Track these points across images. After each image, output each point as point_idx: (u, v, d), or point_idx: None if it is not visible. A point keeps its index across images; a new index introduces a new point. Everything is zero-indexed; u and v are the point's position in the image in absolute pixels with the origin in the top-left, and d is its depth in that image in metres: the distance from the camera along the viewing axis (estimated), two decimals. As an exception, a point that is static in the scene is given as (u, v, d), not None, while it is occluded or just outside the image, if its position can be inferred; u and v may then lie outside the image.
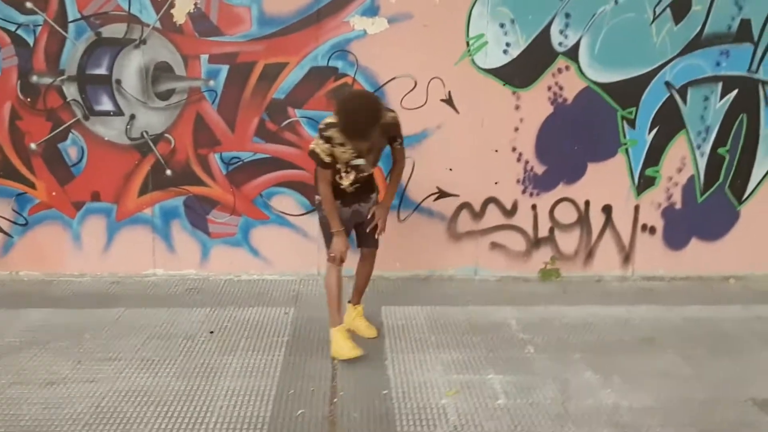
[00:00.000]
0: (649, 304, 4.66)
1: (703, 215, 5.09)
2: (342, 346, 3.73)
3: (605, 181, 4.97)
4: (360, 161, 3.68)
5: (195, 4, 4.58)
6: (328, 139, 3.54)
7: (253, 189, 4.87)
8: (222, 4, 4.59)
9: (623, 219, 5.06)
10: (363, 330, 4.09)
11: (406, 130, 4.72)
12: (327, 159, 3.60)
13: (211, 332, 4.08)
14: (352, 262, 4.04)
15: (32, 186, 4.80)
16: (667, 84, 4.86)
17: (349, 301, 4.18)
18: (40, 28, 4.59)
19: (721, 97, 4.94)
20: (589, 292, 4.89)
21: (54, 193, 4.81)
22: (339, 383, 3.51)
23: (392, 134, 3.76)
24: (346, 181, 3.75)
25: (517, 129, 4.86)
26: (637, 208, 5.05)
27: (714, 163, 5.03)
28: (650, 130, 4.93)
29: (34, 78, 4.65)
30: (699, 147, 4.99)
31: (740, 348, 4.03)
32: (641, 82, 4.85)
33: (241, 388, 3.43)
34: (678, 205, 5.07)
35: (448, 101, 4.81)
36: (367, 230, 3.92)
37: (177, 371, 3.60)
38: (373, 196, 3.95)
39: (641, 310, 4.56)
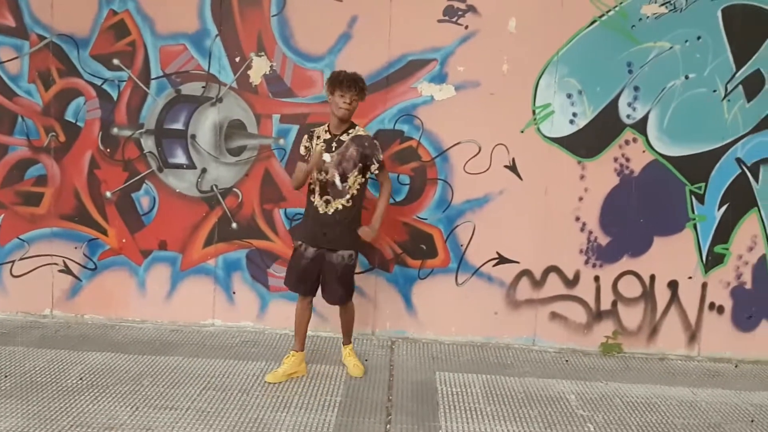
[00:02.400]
0: (716, 388, 4.45)
1: (774, 296, 4.90)
2: (277, 369, 4.23)
3: (672, 256, 4.85)
4: (327, 156, 4.00)
5: (271, 67, 4.78)
6: (310, 134, 4.16)
7: (314, 246, 4.94)
8: (296, 67, 4.77)
9: (690, 296, 4.90)
10: (350, 369, 4.36)
11: (468, 194, 4.82)
12: (302, 150, 4.16)
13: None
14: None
15: (104, 232, 4.99)
16: (738, 160, 4.77)
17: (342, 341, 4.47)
18: (124, 83, 4.86)
19: (794, 175, 4.81)
20: (652, 371, 4.71)
21: (124, 240, 4.98)
22: (392, 449, 3.44)
23: (366, 152, 4.03)
24: (317, 194, 4.07)
25: (581, 198, 4.82)
26: (704, 286, 4.89)
27: (787, 242, 4.87)
28: (719, 207, 4.82)
29: (115, 130, 4.89)
30: (771, 226, 4.85)
31: (817, 441, 3.79)
32: (711, 158, 4.78)
33: (294, 447, 3.40)
34: (748, 285, 4.89)
35: (512, 167, 4.82)
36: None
37: (231, 425, 3.60)
38: (344, 254, 4.09)
39: (707, 393, 4.36)
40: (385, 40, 4.72)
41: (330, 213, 4.06)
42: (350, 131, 4.08)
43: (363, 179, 4.11)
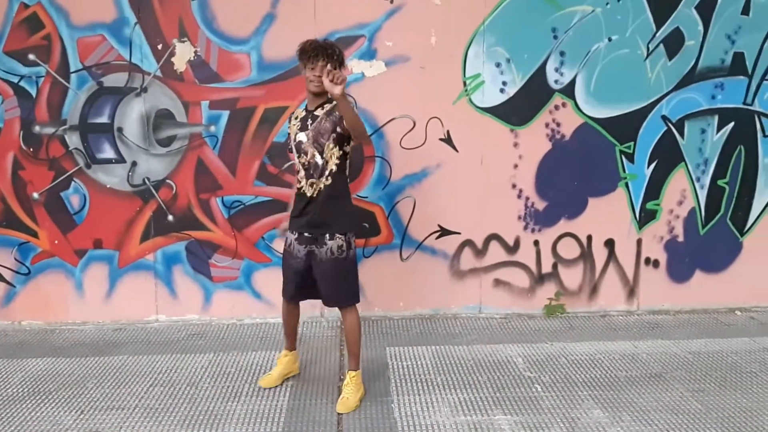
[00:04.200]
0: (656, 339, 4.62)
1: (706, 248, 5.09)
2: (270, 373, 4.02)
3: (607, 216, 4.98)
4: (302, 136, 3.62)
5: (195, 52, 4.66)
6: (290, 117, 3.82)
7: (254, 232, 4.88)
8: (221, 51, 4.67)
9: (626, 253, 5.05)
10: (340, 400, 3.71)
11: (406, 169, 4.83)
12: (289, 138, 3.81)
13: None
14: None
15: (35, 235, 4.81)
16: (664, 118, 4.91)
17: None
18: (42, 79, 4.66)
19: (718, 130, 4.98)
20: (594, 328, 4.85)
21: (56, 242, 4.82)
22: (345, 427, 3.46)
23: (336, 115, 3.54)
24: (304, 178, 3.65)
25: (516, 166, 4.89)
26: (639, 242, 5.04)
27: (714, 195, 5.05)
28: (649, 164, 4.96)
29: (37, 128, 4.70)
30: (698, 179, 5.01)
31: (749, 381, 3.98)
32: (638, 117, 4.90)
33: (246, 435, 3.39)
34: (680, 238, 5.07)
35: (447, 140, 4.85)
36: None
37: (181, 419, 3.55)
38: (332, 246, 3.59)
39: (648, 344, 4.52)
40: (311, 18, 4.66)
41: (315, 195, 3.61)
42: (326, 105, 3.61)
43: (340, 152, 3.59)
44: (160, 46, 4.65)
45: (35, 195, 4.77)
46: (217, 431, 3.43)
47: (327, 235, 3.60)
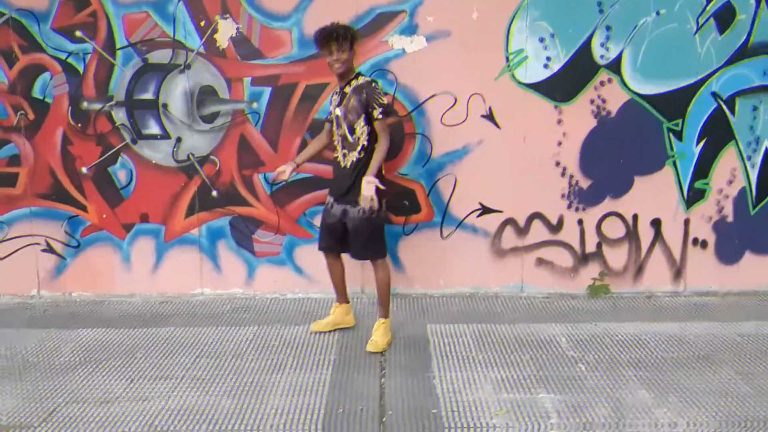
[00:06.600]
0: (703, 321, 4.53)
1: (756, 228, 4.96)
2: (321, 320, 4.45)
3: (653, 195, 4.88)
4: (338, 110, 4.01)
5: (237, 29, 4.67)
6: (333, 92, 4.16)
7: (296, 208, 4.92)
8: (263, 27, 4.67)
9: (673, 233, 4.95)
10: (370, 341, 4.16)
11: (447, 146, 4.79)
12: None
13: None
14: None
15: (84, 209, 4.92)
16: (714, 95, 4.77)
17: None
18: (89, 55, 4.74)
19: (771, 107, 4.83)
20: (640, 309, 4.78)
21: (104, 216, 4.92)
22: (387, 402, 3.48)
23: (365, 97, 3.91)
24: (339, 148, 4.07)
25: (560, 143, 4.81)
26: (687, 222, 4.94)
27: (766, 174, 4.89)
28: (698, 142, 4.84)
29: (85, 104, 4.79)
30: (749, 158, 4.87)
31: (801, 364, 3.89)
32: (687, 94, 4.77)
33: (291, 407, 3.43)
34: (730, 218, 4.94)
35: (489, 117, 4.79)
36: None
37: (227, 390, 3.62)
38: (361, 205, 3.93)
39: (695, 326, 4.44)
40: (353, -8, 4.63)
41: (348, 166, 4.01)
42: (352, 82, 3.99)
43: (371, 128, 3.96)
44: (203, 23, 4.68)
45: (84, 170, 4.87)
46: (262, 402, 3.49)
47: (358, 200, 3.95)
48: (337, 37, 3.85)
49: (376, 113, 3.92)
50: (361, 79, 3.99)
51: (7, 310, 4.87)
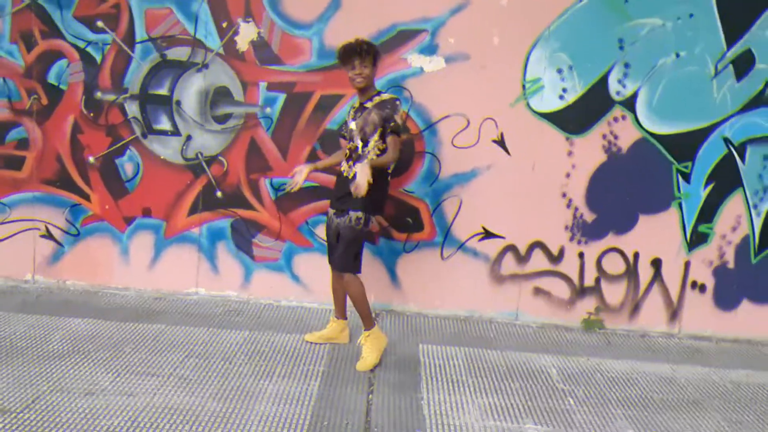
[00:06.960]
0: (696, 365, 4.51)
1: (756, 277, 4.94)
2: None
3: (656, 234, 4.87)
4: (353, 124, 4.05)
5: (258, 33, 4.69)
6: (349, 106, 4.22)
7: (299, 216, 4.91)
8: (284, 34, 4.69)
9: (673, 274, 4.93)
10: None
11: (455, 167, 4.79)
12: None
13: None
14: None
15: (87, 198, 4.92)
16: (726, 140, 4.78)
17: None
18: (108, 46, 4.75)
19: (782, 157, 4.83)
20: (633, 347, 4.75)
21: (107, 207, 4.92)
22: (373, 419, 3.45)
23: (386, 112, 3.95)
24: (344, 163, 4.12)
25: (568, 175, 4.81)
26: (687, 265, 4.92)
27: (770, 223, 4.90)
28: (705, 185, 4.83)
29: (99, 94, 4.80)
30: (756, 206, 4.87)
31: (792, 418, 3.85)
32: (698, 137, 4.78)
33: (276, 415, 3.40)
34: (731, 265, 4.93)
35: (500, 142, 4.80)
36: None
37: (213, 392, 3.59)
38: (351, 215, 3.98)
39: (687, 370, 4.41)
40: (375, 8, 4.65)
41: (350, 177, 4.00)
42: (374, 98, 4.03)
43: (384, 143, 4.00)
44: (224, 24, 4.70)
45: (91, 159, 4.87)
46: (248, 408, 3.46)
47: (350, 209, 3.99)
48: (360, 52, 3.91)
49: (389, 125, 3.96)
50: (385, 96, 4.04)
51: (0, 293, 4.85)
